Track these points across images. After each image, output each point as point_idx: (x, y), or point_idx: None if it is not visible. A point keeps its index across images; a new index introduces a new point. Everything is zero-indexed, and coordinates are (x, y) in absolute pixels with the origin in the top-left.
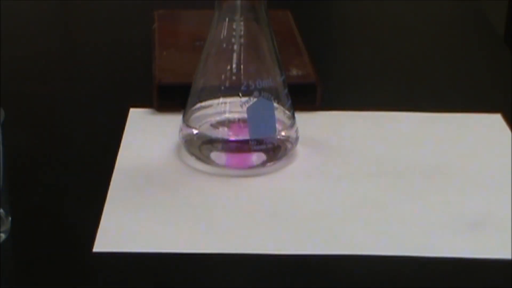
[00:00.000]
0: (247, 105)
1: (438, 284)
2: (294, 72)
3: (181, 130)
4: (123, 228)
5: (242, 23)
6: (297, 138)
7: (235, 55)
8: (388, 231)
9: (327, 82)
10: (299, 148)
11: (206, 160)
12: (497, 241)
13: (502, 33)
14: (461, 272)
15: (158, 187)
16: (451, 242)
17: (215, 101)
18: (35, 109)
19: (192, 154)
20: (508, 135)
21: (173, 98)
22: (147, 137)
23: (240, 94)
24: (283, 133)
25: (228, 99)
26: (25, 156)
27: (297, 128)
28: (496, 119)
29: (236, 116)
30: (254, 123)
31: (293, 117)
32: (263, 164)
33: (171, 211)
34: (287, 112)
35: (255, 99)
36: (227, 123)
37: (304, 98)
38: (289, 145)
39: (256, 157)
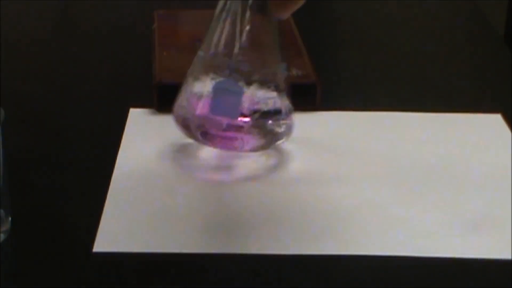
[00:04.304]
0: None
1: (438, 284)
2: (294, 72)
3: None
4: (123, 228)
5: (243, 18)
6: (292, 125)
7: (231, 51)
8: (388, 231)
9: (327, 82)
10: (299, 148)
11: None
12: (497, 241)
13: (502, 33)
14: (461, 272)
15: (158, 187)
16: (451, 242)
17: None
18: (35, 109)
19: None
20: (508, 135)
21: (173, 98)
22: (147, 137)
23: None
24: (282, 122)
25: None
26: (25, 156)
27: (293, 122)
28: (496, 119)
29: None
30: (217, 101)
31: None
32: (257, 149)
33: (170, 211)
34: (285, 102)
35: (224, 78)
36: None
37: (304, 98)
38: (285, 131)
39: (251, 142)
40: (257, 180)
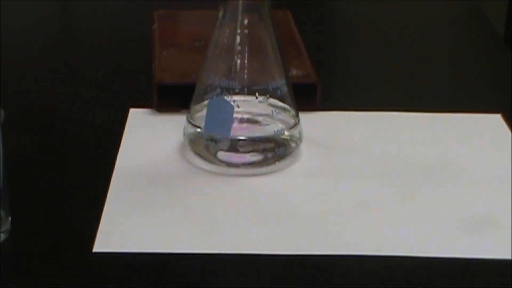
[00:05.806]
0: (209, 99)
1: (438, 284)
2: (294, 72)
3: (185, 129)
4: (123, 228)
5: (246, 23)
6: (301, 137)
7: (239, 55)
8: (388, 231)
9: (327, 82)
10: (300, 148)
11: (211, 159)
12: (497, 241)
13: (502, 33)
14: (461, 272)
15: (158, 187)
16: (451, 242)
17: None
18: (35, 109)
19: (197, 153)
20: (508, 135)
21: (173, 98)
22: (147, 137)
23: (245, 93)
24: (287, 133)
25: (233, 98)
26: (25, 156)
27: (301, 127)
28: (496, 119)
29: (240, 115)
30: (211, 119)
31: (297, 116)
32: (267, 163)
33: (171, 211)
34: (291, 111)
35: (217, 96)
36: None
37: (304, 98)
38: (293, 144)
39: (260, 156)
40: (256, 181)
